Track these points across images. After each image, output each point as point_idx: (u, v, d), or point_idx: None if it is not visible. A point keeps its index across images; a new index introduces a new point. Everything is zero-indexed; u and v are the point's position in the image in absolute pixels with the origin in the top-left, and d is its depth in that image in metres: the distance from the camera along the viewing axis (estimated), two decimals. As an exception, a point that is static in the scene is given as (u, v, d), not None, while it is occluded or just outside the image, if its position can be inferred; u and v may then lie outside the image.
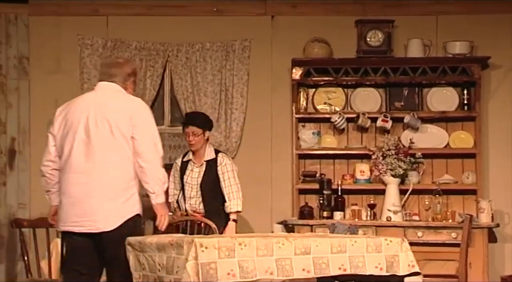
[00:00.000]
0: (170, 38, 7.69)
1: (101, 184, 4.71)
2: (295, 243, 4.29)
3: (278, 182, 7.66)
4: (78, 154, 4.77)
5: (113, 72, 4.92)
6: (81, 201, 4.74)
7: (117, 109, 4.78)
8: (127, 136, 4.73)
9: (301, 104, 7.68)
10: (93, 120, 4.77)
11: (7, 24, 7.65)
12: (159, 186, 4.74)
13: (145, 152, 4.72)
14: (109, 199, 4.70)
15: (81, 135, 4.78)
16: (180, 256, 4.15)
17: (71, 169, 4.78)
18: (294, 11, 7.76)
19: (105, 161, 4.72)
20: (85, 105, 4.86)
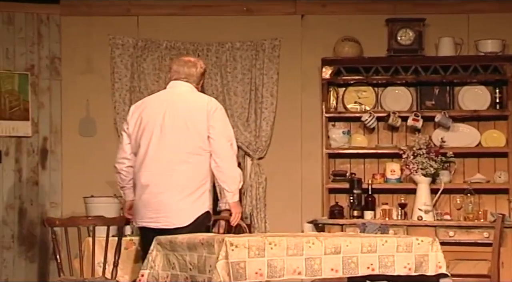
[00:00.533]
0: (200, 37, 7.71)
1: (176, 181, 4.87)
2: (325, 243, 4.28)
3: (308, 181, 7.65)
4: (155, 152, 4.92)
5: (188, 72, 5.06)
6: (156, 198, 4.91)
7: (193, 109, 4.92)
8: (203, 136, 4.88)
9: (331, 103, 7.67)
10: (170, 119, 4.92)
11: (39, 25, 7.71)
12: (235, 184, 4.94)
13: (222, 151, 4.89)
14: (183, 196, 4.88)
15: (157, 133, 4.92)
16: (211, 255, 4.16)
17: (150, 167, 4.94)
18: (324, 10, 7.74)
19: (182, 160, 4.88)
20: (160, 104, 4.99)
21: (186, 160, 4.89)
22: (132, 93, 7.71)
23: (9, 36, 7.61)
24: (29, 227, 7.57)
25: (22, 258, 7.53)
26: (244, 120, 7.71)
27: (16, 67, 7.63)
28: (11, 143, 7.59)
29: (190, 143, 4.90)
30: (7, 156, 7.57)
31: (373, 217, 7.30)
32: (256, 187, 7.66)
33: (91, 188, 7.19)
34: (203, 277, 4.21)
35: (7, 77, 7.60)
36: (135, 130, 5.03)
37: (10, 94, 7.61)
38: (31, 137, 7.64)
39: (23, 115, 7.62)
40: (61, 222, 5.85)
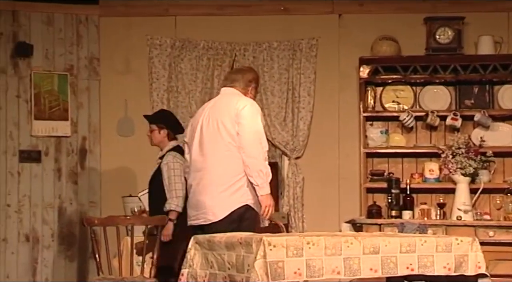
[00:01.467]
0: (237, 37, 7.72)
1: (211, 180, 5.11)
2: (363, 242, 4.27)
3: (346, 180, 7.62)
4: (195, 154, 5.23)
5: (234, 78, 5.35)
6: (196, 197, 5.20)
7: (225, 109, 5.15)
8: (232, 133, 5.10)
9: (369, 102, 7.63)
10: (206, 121, 5.20)
11: (78, 25, 7.77)
12: (261, 178, 5.06)
13: (248, 147, 5.06)
14: (218, 192, 5.09)
15: (198, 137, 5.22)
16: (249, 255, 4.16)
17: (192, 169, 5.26)
18: (361, 9, 7.71)
19: (214, 158, 5.12)
20: (204, 110, 5.30)
21: (219, 158, 5.11)
22: (170, 93, 7.74)
23: (49, 37, 7.68)
24: (68, 226, 7.63)
25: (61, 257, 7.60)
26: (281, 120, 7.70)
27: (55, 68, 7.70)
28: (51, 143, 7.66)
29: (221, 141, 5.12)
30: (46, 155, 7.64)
31: (412, 216, 7.26)
32: (294, 186, 7.65)
33: (129, 187, 7.24)
34: (241, 277, 4.22)
35: (47, 77, 7.67)
36: (189, 139, 5.36)
37: (50, 95, 7.67)
38: (70, 137, 7.71)
39: (62, 116, 7.69)
40: (100, 221, 5.88)
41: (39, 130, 7.61)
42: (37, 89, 7.63)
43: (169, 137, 6.55)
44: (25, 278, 7.50)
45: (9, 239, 7.50)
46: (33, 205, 7.58)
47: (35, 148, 7.61)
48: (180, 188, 6.27)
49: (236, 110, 5.11)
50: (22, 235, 7.53)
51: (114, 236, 5.87)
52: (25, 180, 7.58)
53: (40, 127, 7.62)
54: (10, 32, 7.57)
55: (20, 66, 7.60)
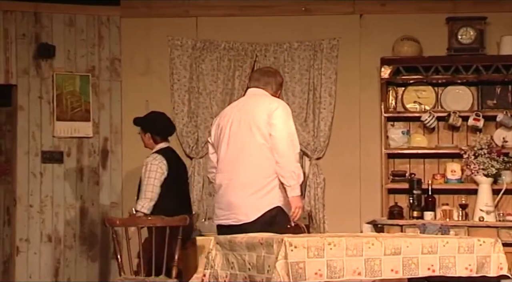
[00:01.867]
0: (258, 38, 7.72)
1: (244, 180, 5.12)
2: (385, 243, 4.25)
3: (367, 181, 7.60)
4: (224, 155, 5.24)
5: (267, 81, 5.35)
6: (226, 196, 5.20)
7: (256, 109, 5.18)
8: (265, 134, 5.12)
9: (390, 103, 7.61)
10: (236, 122, 5.22)
11: (99, 26, 7.81)
12: (294, 180, 5.10)
13: (281, 147, 5.10)
14: (250, 193, 5.11)
15: (226, 138, 5.23)
16: (270, 255, 4.16)
17: (222, 169, 5.25)
18: (383, 9, 7.69)
19: (246, 159, 5.14)
20: (232, 110, 5.32)
21: (251, 158, 5.14)
22: (191, 93, 7.75)
23: (71, 38, 7.71)
24: (90, 227, 7.67)
25: (83, 258, 7.63)
26: (302, 120, 7.69)
27: (77, 69, 7.74)
28: (73, 144, 7.70)
29: (253, 141, 5.14)
30: (68, 156, 7.68)
31: (433, 217, 7.23)
32: (315, 187, 7.64)
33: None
34: (262, 277, 4.22)
35: (69, 78, 7.71)
36: (216, 139, 5.35)
37: (72, 96, 7.71)
38: (92, 138, 7.74)
39: (84, 116, 7.72)
40: (121, 222, 5.90)
41: (61, 131, 7.65)
42: (59, 90, 7.67)
43: (155, 140, 6.58)
44: (47, 278, 7.54)
45: (31, 239, 7.54)
46: (55, 206, 7.62)
47: (57, 148, 7.65)
48: (150, 190, 6.35)
49: (269, 111, 5.15)
50: (45, 235, 7.57)
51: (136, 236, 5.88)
52: (47, 180, 7.62)
53: (62, 128, 7.65)
54: (32, 34, 7.61)
55: (43, 67, 7.64)
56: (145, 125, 6.64)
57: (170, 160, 6.50)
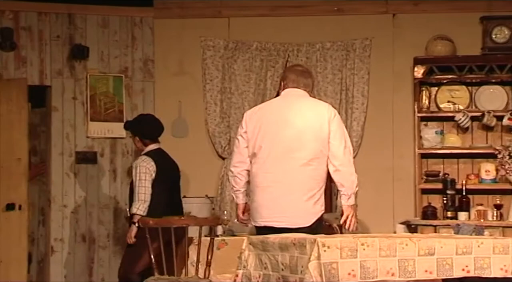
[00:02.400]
0: (291, 38, 7.72)
1: (301, 183, 5.06)
2: (419, 244, 4.23)
3: (400, 181, 7.56)
4: (270, 154, 5.13)
5: (306, 82, 5.33)
6: (280, 198, 5.09)
7: (314, 114, 5.14)
8: (324, 140, 5.08)
9: (424, 103, 7.57)
10: (283, 122, 5.13)
11: (133, 27, 7.85)
12: (352, 189, 5.17)
13: (342, 155, 5.10)
14: (307, 197, 5.07)
15: (273, 137, 5.13)
16: (303, 256, 4.16)
17: (267, 168, 5.13)
18: (416, 9, 7.65)
19: (298, 162, 5.07)
20: (281, 109, 5.20)
21: (309, 162, 5.09)
22: (223, 94, 7.77)
23: (104, 39, 7.76)
24: (123, 227, 7.70)
25: (117, 257, 7.66)
26: (335, 120, 7.66)
27: (110, 70, 7.78)
28: (106, 144, 7.74)
29: (312, 146, 5.10)
30: (102, 156, 7.73)
31: (468, 218, 7.18)
32: (347, 187, 7.61)
33: (183, 188, 7.27)
34: (295, 278, 4.22)
35: (102, 79, 7.76)
36: (254, 135, 5.21)
37: (105, 96, 7.76)
38: (125, 138, 7.78)
39: (117, 117, 7.76)
40: (154, 222, 5.92)
41: (94, 131, 7.70)
42: (93, 91, 7.72)
43: (144, 143, 6.64)
44: (81, 278, 7.59)
45: (66, 239, 7.60)
46: (89, 206, 7.67)
47: (91, 149, 7.70)
48: (143, 191, 6.39)
49: (329, 118, 5.14)
50: (79, 235, 7.62)
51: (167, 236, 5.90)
52: (81, 181, 7.67)
53: (95, 128, 7.70)
54: (66, 35, 7.67)
55: (76, 68, 7.70)
56: (132, 129, 6.74)
57: (158, 161, 6.54)
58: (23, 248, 7.20)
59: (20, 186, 7.22)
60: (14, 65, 7.52)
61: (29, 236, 7.54)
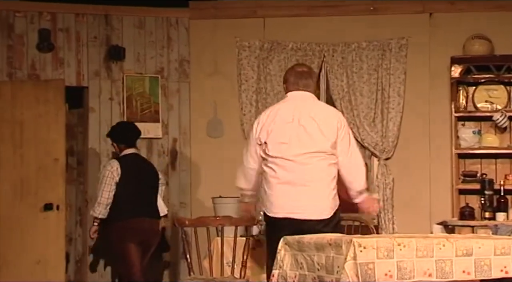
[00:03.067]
0: (326, 38, 7.70)
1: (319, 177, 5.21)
2: (456, 244, 4.20)
3: (437, 182, 7.51)
4: (292, 150, 5.23)
5: (308, 83, 5.41)
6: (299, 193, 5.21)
7: (325, 116, 5.27)
8: (331, 138, 5.22)
9: (461, 102, 7.51)
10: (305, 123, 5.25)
11: (168, 28, 7.88)
12: (362, 187, 5.31)
13: (355, 154, 5.28)
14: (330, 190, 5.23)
15: (295, 136, 5.25)
16: (339, 256, 4.14)
17: (286, 165, 5.24)
18: (453, 8, 7.59)
19: (313, 157, 5.20)
20: (292, 111, 5.32)
21: (324, 158, 5.22)
22: (258, 94, 7.77)
23: (140, 40, 7.81)
24: (158, 226, 7.73)
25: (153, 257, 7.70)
26: (370, 120, 7.64)
27: (146, 71, 7.82)
28: (143, 145, 7.77)
29: (325, 145, 5.22)
30: (138, 157, 7.76)
31: (506, 218, 7.12)
32: (383, 187, 7.58)
33: (219, 188, 7.29)
34: (331, 278, 4.20)
35: (138, 80, 7.80)
36: (266, 135, 5.32)
37: (141, 97, 7.80)
38: (161, 139, 7.82)
39: (153, 117, 7.80)
40: (190, 222, 5.95)
41: (131, 132, 7.73)
42: (129, 92, 7.76)
43: (120, 148, 6.91)
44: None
45: (102, 238, 7.64)
46: (126, 206, 7.70)
47: (127, 149, 7.73)
48: (101, 195, 6.73)
49: (337, 119, 5.28)
50: (115, 235, 7.65)
51: (204, 237, 5.93)
52: (118, 181, 7.70)
53: (132, 129, 7.73)
54: (103, 36, 7.73)
55: (113, 69, 7.75)
56: (109, 136, 7.03)
57: (127, 165, 6.74)
58: (61, 248, 7.27)
59: (57, 186, 7.28)
60: (51, 67, 7.59)
61: (67, 236, 7.60)
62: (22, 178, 7.28)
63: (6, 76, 7.47)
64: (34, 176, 7.29)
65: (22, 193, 7.27)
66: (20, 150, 7.30)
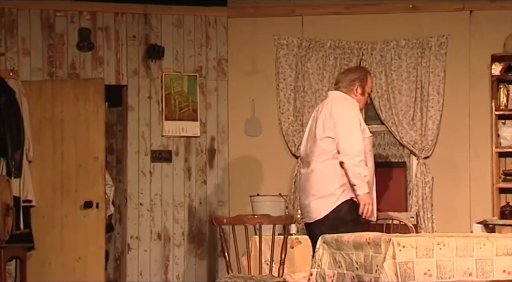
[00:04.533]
0: (365, 36, 7.67)
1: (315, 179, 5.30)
2: (496, 244, 4.16)
3: (477, 181, 7.45)
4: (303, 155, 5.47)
5: (338, 79, 5.49)
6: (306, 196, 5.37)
7: (325, 112, 5.31)
8: (330, 136, 5.25)
9: (501, 101, 7.43)
10: (313, 125, 5.39)
11: (207, 27, 7.90)
12: (358, 179, 5.21)
13: (344, 148, 5.21)
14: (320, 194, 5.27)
15: (306, 137, 5.46)
16: (378, 255, 4.12)
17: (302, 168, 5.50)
18: (493, 5, 7.52)
19: (316, 158, 5.31)
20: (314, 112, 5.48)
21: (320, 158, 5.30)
22: (297, 93, 7.76)
23: (179, 39, 7.84)
24: (198, 225, 7.77)
25: (192, 256, 7.74)
26: (410, 119, 7.59)
27: (185, 69, 7.85)
28: (181, 143, 7.81)
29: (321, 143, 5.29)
30: (177, 155, 7.80)
31: (547, 218, 7.03)
32: (423, 186, 7.53)
33: (257, 187, 7.30)
34: (370, 277, 4.18)
35: (177, 78, 7.83)
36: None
37: (180, 96, 7.83)
38: (199, 137, 7.84)
39: (192, 116, 7.83)
40: (228, 220, 5.95)
41: (169, 130, 7.78)
42: (168, 91, 7.80)
43: None
44: (157, 275, 7.68)
45: (141, 237, 7.69)
46: (164, 204, 7.75)
47: (166, 147, 7.78)
48: None
49: (333, 113, 5.27)
50: (154, 233, 7.71)
51: (242, 235, 5.93)
52: (156, 179, 7.76)
53: (170, 127, 7.78)
54: (142, 35, 7.77)
55: (152, 68, 7.79)
56: None
57: None
58: (101, 246, 7.33)
59: (97, 184, 7.35)
60: (91, 65, 7.66)
61: (106, 234, 7.66)
62: (63, 176, 7.35)
63: (47, 75, 7.55)
64: (74, 174, 7.35)
65: (62, 191, 7.35)
66: (61, 148, 7.38)
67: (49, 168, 7.34)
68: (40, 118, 7.38)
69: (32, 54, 7.53)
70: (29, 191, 7.22)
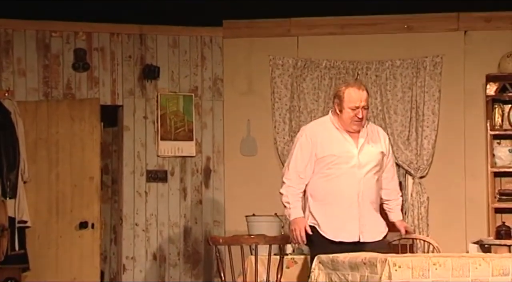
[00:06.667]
0: (360, 56, 7.69)
1: None
2: (492, 264, 4.15)
3: (472, 200, 7.45)
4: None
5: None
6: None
7: None
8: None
9: (496, 121, 7.45)
10: None
11: (202, 47, 7.92)
12: (283, 205, 5.51)
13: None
14: None
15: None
16: (374, 275, 4.12)
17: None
18: (488, 25, 7.55)
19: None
20: None
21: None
22: (292, 113, 7.77)
23: (174, 59, 7.86)
24: (193, 245, 7.75)
25: (187, 276, 7.71)
26: (405, 138, 7.61)
27: (180, 89, 7.86)
28: (176, 163, 7.81)
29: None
30: (172, 175, 7.80)
31: (543, 238, 7.03)
32: (418, 206, 7.53)
33: (253, 207, 7.29)
34: (366, 297, 4.17)
35: (172, 98, 7.84)
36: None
37: (175, 116, 7.83)
38: (195, 157, 7.84)
39: (187, 136, 7.83)
40: (224, 240, 5.93)
41: (165, 150, 7.78)
42: (163, 111, 7.81)
43: None
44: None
45: (137, 257, 7.67)
46: (160, 224, 7.74)
47: (161, 167, 7.78)
48: None
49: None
50: (150, 253, 7.69)
51: (238, 255, 5.91)
52: (152, 199, 7.75)
53: (166, 147, 7.78)
54: (138, 55, 7.79)
55: (147, 88, 7.80)
56: None
57: None
58: (96, 266, 7.30)
59: (92, 205, 7.33)
60: (87, 85, 7.67)
61: (102, 254, 7.64)
62: (58, 196, 7.34)
63: (42, 96, 7.55)
64: (69, 194, 7.35)
65: (57, 211, 7.34)
66: (56, 169, 7.37)
67: (44, 188, 7.33)
68: (35, 139, 7.38)
69: (27, 74, 7.53)
70: (24, 211, 7.20)
